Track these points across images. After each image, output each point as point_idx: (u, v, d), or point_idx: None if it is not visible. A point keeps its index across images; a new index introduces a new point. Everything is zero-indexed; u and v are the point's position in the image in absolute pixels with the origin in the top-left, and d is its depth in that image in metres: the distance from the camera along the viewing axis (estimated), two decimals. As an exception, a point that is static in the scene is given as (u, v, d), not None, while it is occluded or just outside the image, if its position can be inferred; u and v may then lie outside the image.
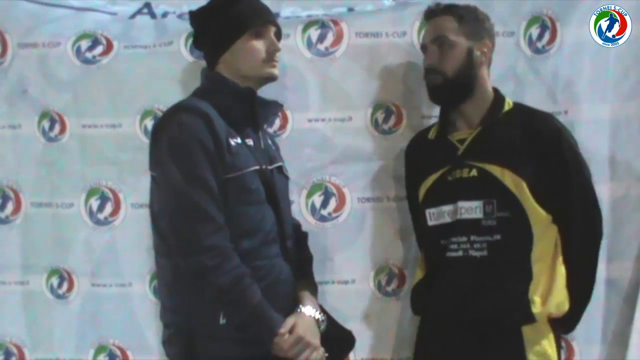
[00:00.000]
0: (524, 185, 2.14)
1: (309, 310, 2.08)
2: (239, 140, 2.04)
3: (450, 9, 2.26)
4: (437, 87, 2.24)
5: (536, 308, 2.12)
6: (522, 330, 2.14)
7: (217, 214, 1.95)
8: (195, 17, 2.17)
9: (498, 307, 2.13)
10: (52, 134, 2.56)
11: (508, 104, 2.28)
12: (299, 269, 2.19)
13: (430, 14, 2.30)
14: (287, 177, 2.27)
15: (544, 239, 2.17)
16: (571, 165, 2.20)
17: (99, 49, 2.51)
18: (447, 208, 2.23)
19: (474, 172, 2.19)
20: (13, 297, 2.63)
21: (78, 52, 2.51)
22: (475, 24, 2.26)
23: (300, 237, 2.30)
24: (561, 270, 2.19)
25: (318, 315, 2.09)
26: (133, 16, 2.64)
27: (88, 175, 2.56)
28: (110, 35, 2.53)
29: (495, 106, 2.26)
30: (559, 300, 2.17)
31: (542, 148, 2.17)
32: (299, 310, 2.07)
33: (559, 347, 2.23)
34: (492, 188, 2.16)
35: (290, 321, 2.00)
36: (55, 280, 2.60)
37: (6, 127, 2.59)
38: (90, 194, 2.56)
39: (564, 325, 2.25)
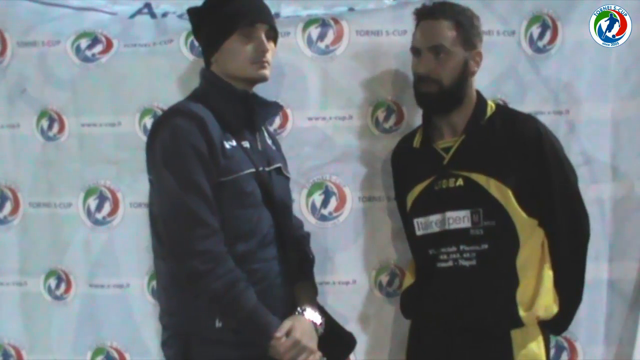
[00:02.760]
0: (510, 193, 2.13)
1: (307, 313, 2.06)
2: (234, 142, 2.03)
3: (448, 13, 2.20)
4: (431, 96, 2.20)
5: (523, 312, 2.12)
6: (510, 334, 2.14)
7: (211, 218, 1.94)
8: (192, 14, 2.16)
9: (487, 314, 2.13)
10: (51, 133, 2.55)
11: (490, 108, 2.26)
12: (299, 271, 2.17)
13: (426, 15, 2.23)
14: (287, 178, 2.24)
15: (530, 243, 2.17)
16: (553, 168, 2.19)
17: (99, 48, 2.51)
18: (434, 218, 2.21)
19: (460, 182, 2.18)
20: (11, 298, 2.62)
21: (77, 50, 2.51)
22: (471, 30, 2.22)
23: (302, 237, 2.29)
24: (548, 274, 2.18)
25: (316, 318, 2.07)
26: (133, 16, 2.64)
27: (86, 175, 2.55)
28: (110, 34, 2.53)
29: (478, 113, 2.24)
30: (547, 303, 2.16)
31: (525, 152, 2.16)
32: (297, 313, 2.05)
33: (547, 349, 2.22)
34: (478, 197, 2.15)
35: (287, 324, 1.98)
36: (53, 282, 2.59)
37: (5, 127, 2.59)
38: (88, 193, 2.55)
39: (554, 326, 2.24)
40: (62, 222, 2.57)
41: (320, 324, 2.08)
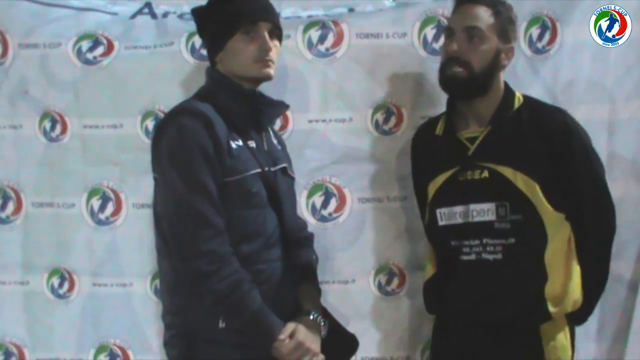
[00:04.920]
0: (537, 187, 2.11)
1: (310, 315, 2.07)
2: (240, 142, 2.02)
3: (490, 1, 2.17)
4: (457, 79, 2.15)
5: (553, 308, 2.11)
6: (540, 328, 2.14)
7: (217, 218, 1.94)
8: (196, 14, 2.15)
9: (515, 309, 2.12)
10: (54, 134, 2.57)
11: (518, 100, 2.22)
12: (302, 272, 2.18)
13: None
14: (292, 178, 2.24)
15: (558, 237, 2.15)
16: (581, 162, 2.16)
17: (100, 50, 2.52)
18: (458, 209, 2.19)
19: (485, 174, 2.15)
20: (13, 297, 2.65)
21: (79, 53, 2.52)
22: (509, 24, 2.19)
23: (306, 239, 2.29)
24: (576, 269, 2.16)
25: (319, 320, 2.08)
26: (134, 16, 2.64)
27: (89, 176, 2.57)
28: (111, 36, 2.53)
29: (506, 104, 2.20)
30: (576, 298, 2.15)
31: (552, 146, 2.13)
32: (300, 314, 2.06)
33: (573, 338, 2.22)
34: (505, 190, 2.13)
35: (290, 326, 1.99)
36: (56, 280, 2.62)
37: (7, 127, 2.60)
38: (91, 194, 2.57)
39: (576, 317, 2.22)
40: (66, 222, 2.59)
41: (323, 326, 2.08)
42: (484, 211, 2.16)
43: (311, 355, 2.00)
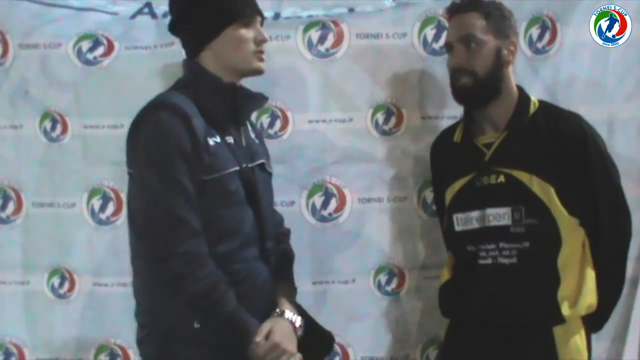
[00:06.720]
0: (552, 191, 2.12)
1: (286, 314, 2.02)
2: (218, 139, 1.96)
3: (477, 5, 2.18)
4: (466, 89, 2.17)
5: (566, 311, 2.11)
6: (553, 330, 2.13)
7: (193, 218, 1.88)
8: (176, 1, 2.07)
9: (528, 312, 2.13)
10: (54, 134, 2.57)
11: (534, 104, 2.23)
12: (278, 270, 2.13)
13: (455, 10, 2.21)
14: (270, 174, 2.17)
15: (571, 242, 2.15)
16: (597, 168, 2.17)
17: (100, 50, 2.52)
18: (474, 214, 2.20)
19: (501, 179, 2.16)
20: (14, 297, 2.64)
21: (79, 53, 2.52)
22: (502, 21, 2.19)
23: (282, 235, 2.23)
24: (590, 274, 2.17)
25: (295, 319, 2.04)
26: (134, 16, 2.64)
27: (90, 176, 2.57)
28: (111, 36, 2.53)
29: (522, 109, 2.20)
30: (589, 302, 2.15)
31: (568, 151, 2.14)
32: (275, 314, 2.02)
33: (589, 342, 2.21)
34: (520, 195, 2.14)
35: (266, 327, 1.95)
36: (56, 280, 2.62)
37: (8, 128, 2.60)
38: (92, 194, 2.57)
39: (593, 322, 2.23)
40: (66, 221, 2.59)
41: (300, 326, 2.04)
42: (500, 216, 2.17)
43: (287, 355, 1.95)
